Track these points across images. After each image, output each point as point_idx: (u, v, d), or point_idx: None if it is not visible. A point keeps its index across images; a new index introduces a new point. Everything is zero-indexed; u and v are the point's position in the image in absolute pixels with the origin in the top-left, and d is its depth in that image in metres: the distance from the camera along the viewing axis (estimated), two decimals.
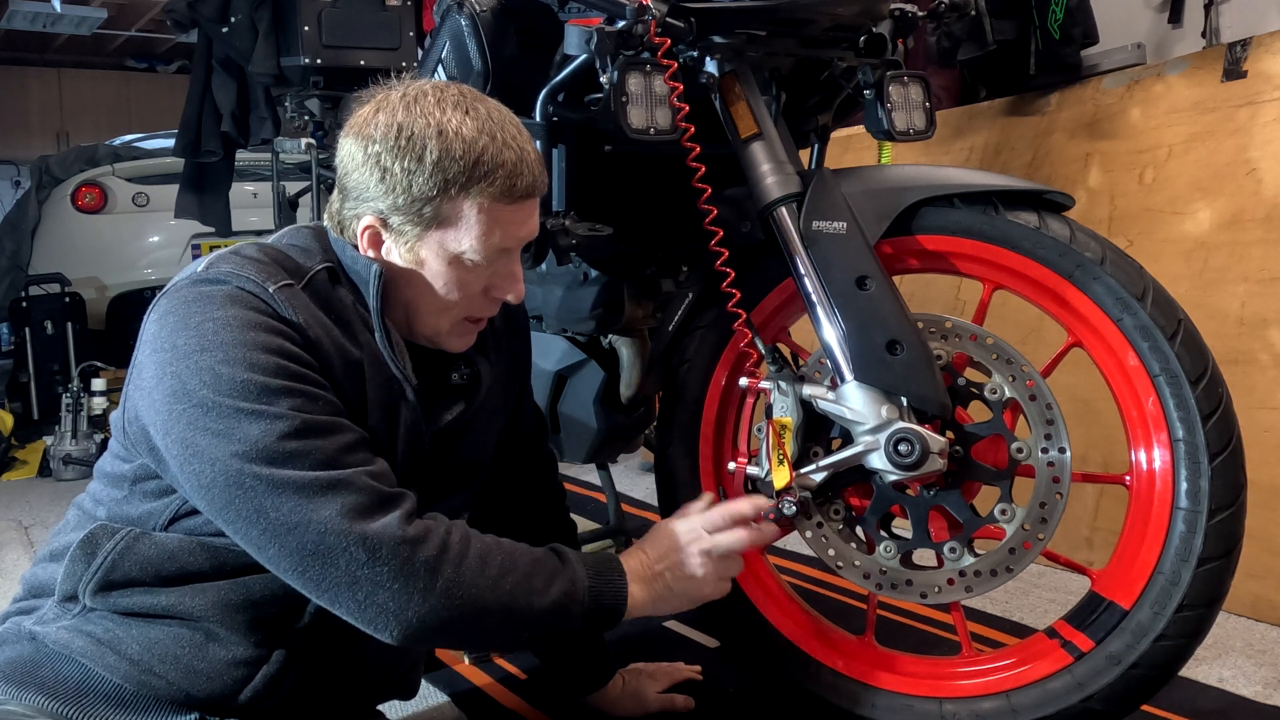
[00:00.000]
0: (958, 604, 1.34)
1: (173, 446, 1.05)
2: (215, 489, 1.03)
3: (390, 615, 1.04)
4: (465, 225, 1.14)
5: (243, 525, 1.03)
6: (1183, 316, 1.23)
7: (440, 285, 1.17)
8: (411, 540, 1.04)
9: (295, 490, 1.02)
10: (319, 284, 1.16)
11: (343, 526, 1.02)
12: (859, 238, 1.29)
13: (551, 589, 1.13)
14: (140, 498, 1.16)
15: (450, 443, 1.28)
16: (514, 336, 1.42)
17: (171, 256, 4.69)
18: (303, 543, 1.02)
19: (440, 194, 1.12)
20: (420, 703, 1.62)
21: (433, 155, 1.11)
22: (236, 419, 1.03)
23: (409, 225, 1.15)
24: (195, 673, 1.13)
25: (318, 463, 1.04)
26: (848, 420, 1.27)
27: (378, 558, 1.03)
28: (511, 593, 1.10)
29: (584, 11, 1.38)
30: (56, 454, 3.65)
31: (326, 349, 1.12)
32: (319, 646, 1.19)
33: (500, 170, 1.13)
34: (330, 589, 1.03)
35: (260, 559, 1.06)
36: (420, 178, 1.12)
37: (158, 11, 8.38)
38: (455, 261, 1.16)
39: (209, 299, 1.09)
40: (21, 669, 1.14)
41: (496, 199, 1.14)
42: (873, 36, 1.42)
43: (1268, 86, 2.11)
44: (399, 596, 1.03)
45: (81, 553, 1.14)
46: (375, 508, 1.05)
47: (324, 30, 2.66)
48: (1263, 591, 1.87)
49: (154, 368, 1.07)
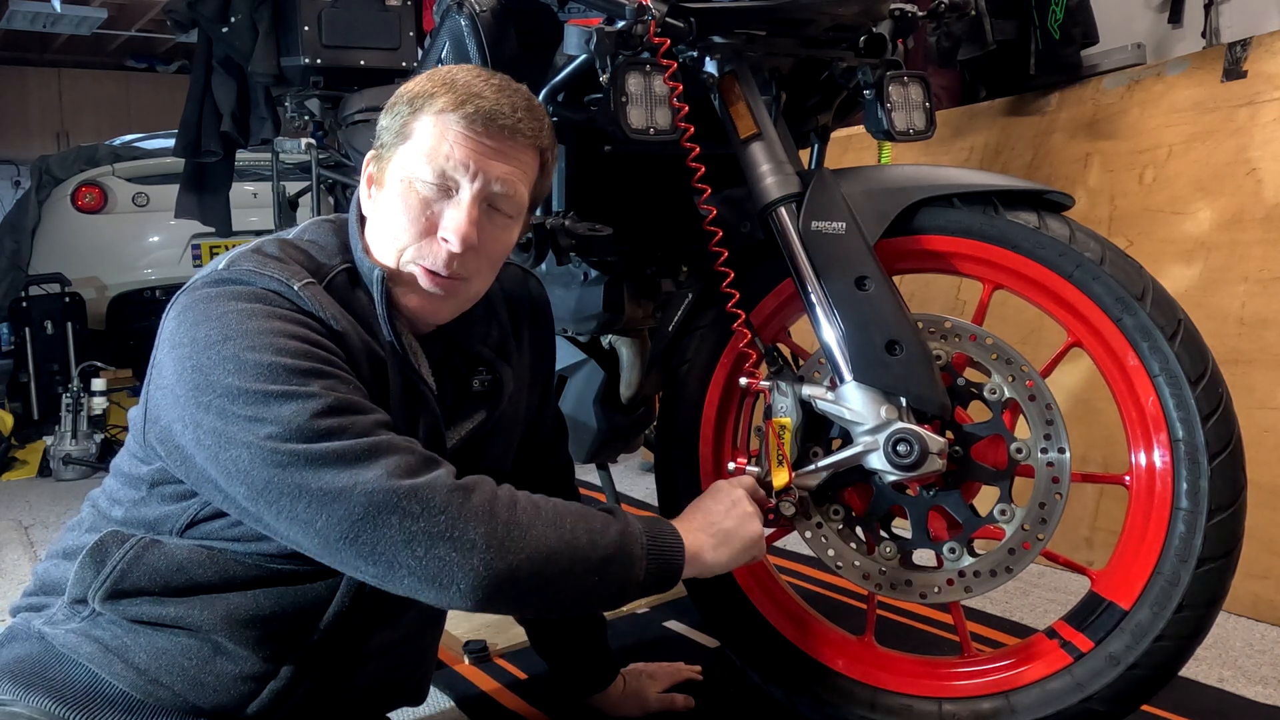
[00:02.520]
0: (957, 604, 1.34)
1: (204, 438, 1.02)
2: (254, 472, 1.00)
3: (455, 568, 0.98)
4: (419, 136, 1.15)
5: (287, 504, 0.99)
6: (1183, 316, 1.22)
7: (390, 207, 1.16)
8: (464, 487, 1.01)
9: (336, 459, 0.99)
10: (339, 285, 1.15)
11: (391, 484, 0.98)
12: (858, 238, 1.29)
13: (610, 530, 1.08)
14: (158, 500, 1.14)
15: (473, 452, 1.25)
16: (538, 337, 1.40)
17: (171, 256, 4.69)
18: (351, 509, 0.97)
19: (410, 110, 1.16)
20: (424, 707, 1.62)
21: (424, 82, 1.17)
22: (267, 402, 1.00)
23: (388, 148, 1.17)
24: (201, 685, 1.12)
25: (355, 433, 1.01)
26: (847, 420, 1.27)
27: (432, 508, 0.98)
28: (573, 531, 1.05)
29: (584, 11, 1.38)
30: (56, 454, 3.65)
31: (353, 342, 1.11)
32: (329, 661, 1.17)
33: (469, 93, 1.14)
34: (386, 553, 0.98)
35: (308, 539, 1.00)
36: (402, 101, 1.17)
37: (158, 11, 8.39)
38: (406, 182, 1.15)
39: (231, 295, 1.07)
40: (30, 669, 1.14)
41: (453, 111, 1.13)
42: (873, 36, 1.42)
43: (1268, 86, 2.11)
44: (461, 546, 0.98)
45: (91, 560, 1.13)
46: (420, 466, 1.02)
47: (324, 30, 2.66)
48: (1263, 591, 1.87)
49: (174, 363, 1.05)
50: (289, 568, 1.11)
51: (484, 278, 1.21)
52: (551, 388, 1.48)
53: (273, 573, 1.12)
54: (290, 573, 1.11)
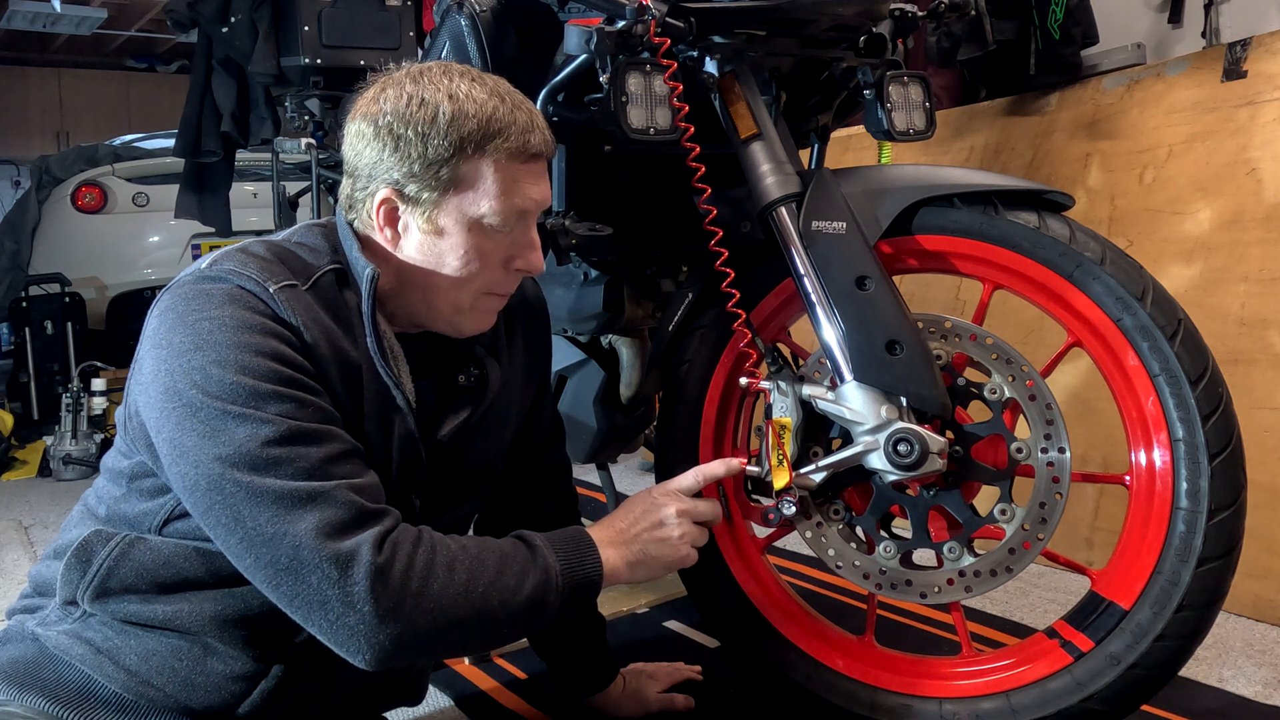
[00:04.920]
0: (957, 604, 1.34)
1: (163, 445, 1.05)
2: (198, 492, 1.02)
3: (361, 638, 1.00)
4: (483, 185, 1.13)
5: (222, 531, 1.02)
6: (1183, 316, 1.23)
7: (461, 254, 1.15)
8: (382, 565, 1.01)
9: (273, 500, 1.00)
10: (325, 286, 1.14)
11: (315, 544, 0.99)
12: (858, 238, 1.29)
13: (525, 584, 1.10)
14: (137, 496, 1.14)
15: (456, 449, 1.25)
16: (532, 336, 1.39)
17: (171, 256, 4.69)
18: (276, 556, 1.00)
19: (456, 153, 1.11)
20: (422, 706, 1.62)
21: (446, 116, 1.11)
22: (223, 421, 1.01)
23: (426, 191, 1.13)
24: (192, 686, 1.12)
25: (300, 472, 1.02)
26: (847, 420, 1.27)
27: (348, 577, 0.99)
28: (485, 596, 1.07)
29: (584, 11, 1.38)
30: (56, 454, 3.65)
31: (323, 353, 1.10)
32: (321, 660, 1.15)
33: (514, 128, 1.13)
34: (303, 606, 1.01)
35: (239, 566, 1.04)
36: (435, 139, 1.11)
37: (158, 11, 8.39)
38: (476, 226, 1.14)
39: (208, 296, 1.07)
40: (24, 670, 1.14)
41: (512, 156, 1.13)
42: (873, 36, 1.42)
43: (1268, 86, 2.11)
44: (368, 620, 1.00)
45: (76, 560, 1.13)
46: (352, 525, 1.02)
47: (324, 30, 2.66)
48: (1263, 591, 1.87)
49: (151, 364, 1.07)
50: None
51: None
52: (548, 387, 1.47)
53: None
54: None
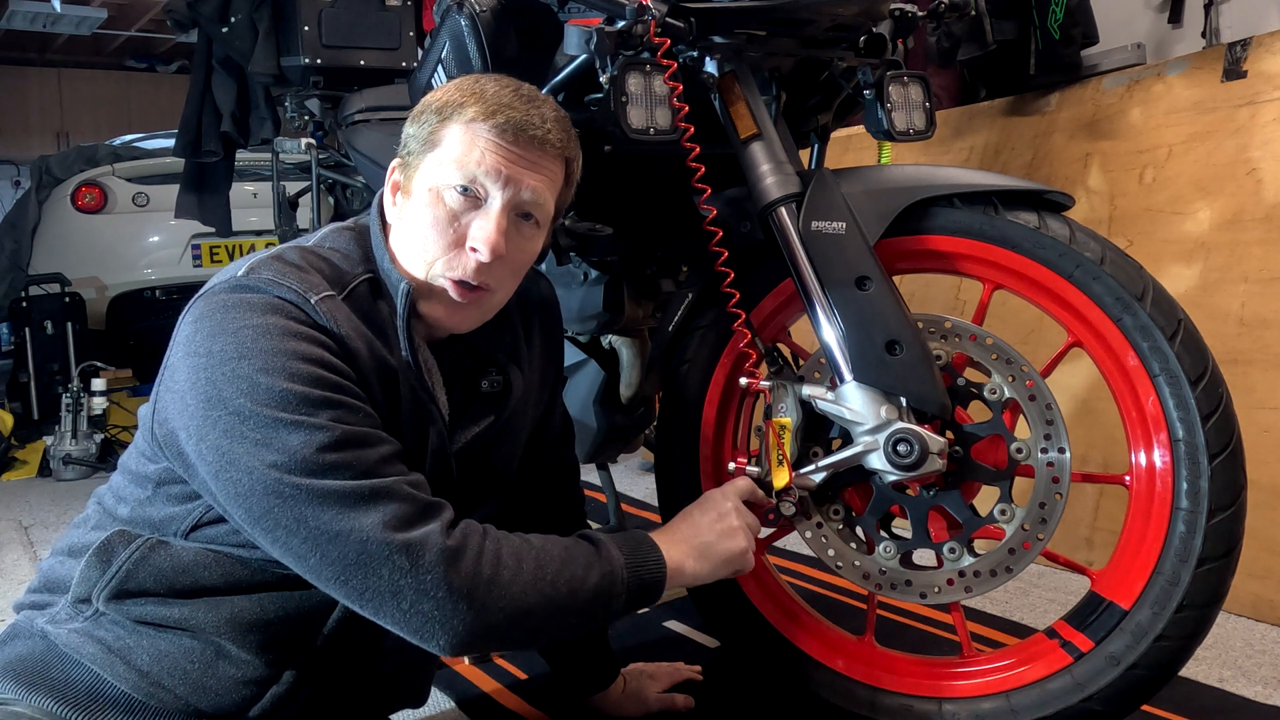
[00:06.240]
0: (957, 604, 1.33)
1: (207, 453, 1.03)
2: (254, 498, 1.01)
3: (437, 624, 1.02)
4: (449, 143, 1.15)
5: (283, 535, 1.01)
6: (1183, 316, 1.23)
7: (416, 216, 1.16)
8: (453, 548, 1.03)
9: (337, 500, 1.00)
10: (360, 295, 1.15)
11: (385, 536, 1.00)
12: (858, 238, 1.29)
13: (591, 575, 1.11)
14: (164, 501, 1.14)
15: (476, 455, 1.25)
16: (548, 339, 1.40)
17: (171, 256, 4.69)
18: (344, 553, 1.00)
19: (439, 118, 1.16)
20: (425, 708, 1.61)
21: (446, 93, 1.18)
22: (275, 429, 1.01)
23: (415, 156, 1.17)
24: (203, 689, 1.12)
25: (358, 473, 1.02)
26: (847, 420, 1.27)
27: (420, 566, 1.01)
28: (553, 584, 1.08)
29: (584, 11, 1.38)
30: (56, 454, 3.65)
31: (365, 361, 1.10)
32: (332, 665, 1.17)
33: (500, 103, 1.14)
34: (374, 599, 1.01)
35: (300, 569, 1.04)
36: (430, 110, 1.18)
37: (158, 11, 8.39)
38: (434, 191, 1.15)
39: (249, 305, 1.07)
40: (32, 669, 1.13)
41: (484, 120, 1.14)
42: (873, 36, 1.42)
43: (1268, 86, 2.11)
44: (444, 605, 1.01)
45: (97, 559, 1.13)
46: (416, 517, 1.03)
47: (324, 30, 2.66)
48: (1263, 591, 1.87)
49: (188, 372, 1.05)
50: (294, 574, 1.11)
51: (508, 288, 1.21)
52: (560, 388, 1.48)
53: (278, 578, 1.12)
54: (295, 578, 1.11)
